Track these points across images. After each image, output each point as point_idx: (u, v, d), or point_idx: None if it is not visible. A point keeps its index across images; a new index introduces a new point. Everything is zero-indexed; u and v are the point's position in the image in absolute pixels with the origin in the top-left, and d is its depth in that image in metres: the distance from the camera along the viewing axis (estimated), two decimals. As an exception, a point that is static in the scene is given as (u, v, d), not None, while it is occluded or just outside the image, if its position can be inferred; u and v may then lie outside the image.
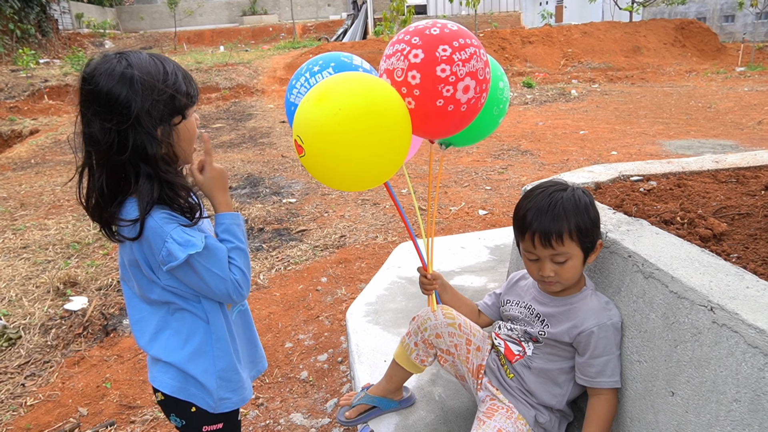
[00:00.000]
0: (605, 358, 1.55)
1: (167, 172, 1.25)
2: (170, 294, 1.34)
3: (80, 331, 3.54)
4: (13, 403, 2.87)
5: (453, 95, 1.39)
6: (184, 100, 1.29)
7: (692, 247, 1.57)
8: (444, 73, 1.37)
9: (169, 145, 1.27)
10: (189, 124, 1.33)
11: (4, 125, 12.77)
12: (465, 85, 1.40)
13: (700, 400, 1.29)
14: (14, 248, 5.05)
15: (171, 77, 1.26)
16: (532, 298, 1.73)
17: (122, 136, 1.22)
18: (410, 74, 1.39)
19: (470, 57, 1.39)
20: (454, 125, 1.50)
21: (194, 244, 1.24)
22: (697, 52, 20.17)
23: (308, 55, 19.26)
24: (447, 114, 1.43)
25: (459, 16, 25.93)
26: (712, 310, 1.28)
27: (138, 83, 1.21)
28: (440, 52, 1.37)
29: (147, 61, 1.25)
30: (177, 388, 1.39)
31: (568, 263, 1.56)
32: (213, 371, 1.39)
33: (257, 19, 35.09)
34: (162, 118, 1.24)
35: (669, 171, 2.51)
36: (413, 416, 1.93)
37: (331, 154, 1.36)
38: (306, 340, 3.32)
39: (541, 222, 1.54)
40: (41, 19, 25.15)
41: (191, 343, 1.37)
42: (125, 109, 1.20)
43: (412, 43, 1.40)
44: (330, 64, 1.71)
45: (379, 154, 1.39)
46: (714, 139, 8.22)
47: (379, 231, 5.08)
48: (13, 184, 7.91)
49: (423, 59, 1.37)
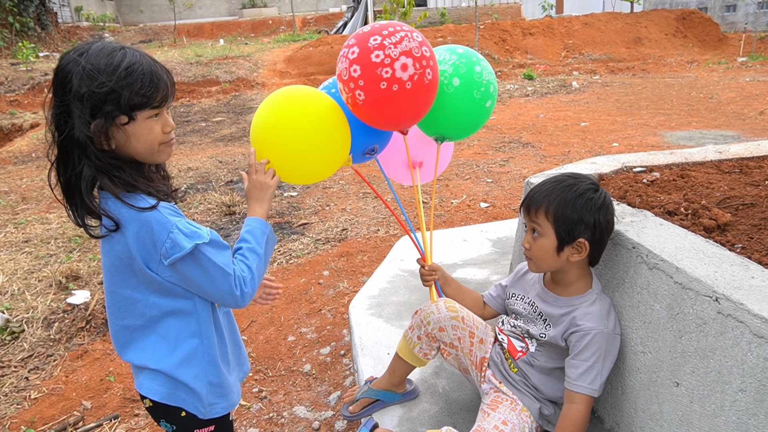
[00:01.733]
0: (591, 362, 1.52)
1: (102, 161, 1.20)
2: (158, 297, 1.29)
3: (83, 324, 3.55)
4: (17, 396, 2.87)
5: (393, 75, 1.50)
6: (134, 99, 1.20)
7: (696, 238, 1.57)
8: (378, 57, 1.50)
9: (105, 141, 1.20)
10: (140, 127, 1.23)
11: (4, 119, 12.76)
12: (402, 64, 1.50)
13: (705, 391, 1.29)
14: (16, 242, 5.05)
15: (122, 73, 1.19)
16: (536, 295, 1.72)
17: (61, 120, 1.19)
18: (352, 69, 1.53)
19: (401, 39, 1.52)
20: (409, 105, 1.59)
21: (201, 235, 1.23)
22: (699, 43, 20.07)
23: (308, 48, 19.20)
24: (394, 94, 1.53)
25: (459, 8, 25.80)
26: (717, 300, 1.28)
27: (79, 73, 1.17)
28: (371, 42, 1.51)
29: (105, 53, 1.21)
30: (166, 394, 1.34)
31: (540, 241, 1.59)
32: (203, 377, 1.36)
33: (257, 11, 34.93)
34: (97, 112, 1.18)
35: (672, 162, 2.50)
36: (417, 408, 1.93)
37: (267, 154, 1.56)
38: (308, 334, 3.32)
39: (535, 192, 1.61)
40: (40, 12, 25.04)
41: (181, 349, 1.33)
42: (64, 92, 1.18)
43: (349, 44, 1.57)
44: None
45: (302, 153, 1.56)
46: (716, 130, 8.19)
47: (380, 224, 5.07)
48: (14, 178, 7.91)
49: (359, 53, 1.53)
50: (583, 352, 1.54)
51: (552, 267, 1.63)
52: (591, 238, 1.56)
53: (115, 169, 1.21)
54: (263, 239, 1.38)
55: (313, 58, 18.00)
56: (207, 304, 1.35)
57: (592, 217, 1.54)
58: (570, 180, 1.60)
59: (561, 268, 1.62)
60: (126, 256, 1.24)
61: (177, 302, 1.31)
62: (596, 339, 1.53)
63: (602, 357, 1.53)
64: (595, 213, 1.55)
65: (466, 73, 1.75)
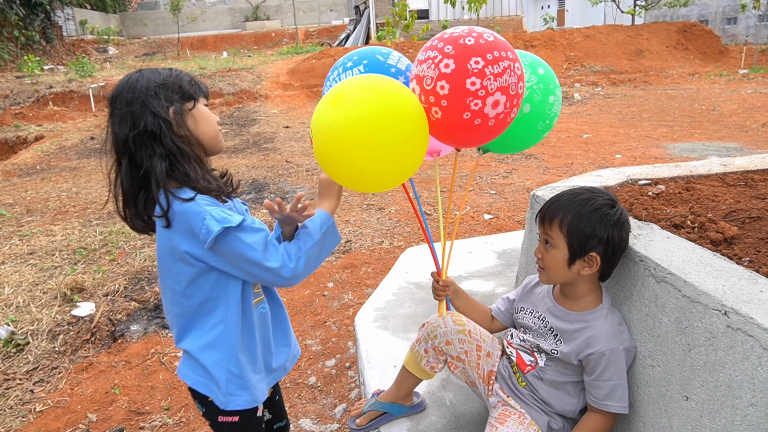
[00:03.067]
0: (614, 382, 1.54)
1: (175, 144, 1.35)
2: (193, 288, 1.40)
3: (88, 337, 3.55)
4: (22, 409, 2.87)
5: (481, 109, 1.35)
6: (189, 89, 1.41)
7: (704, 251, 1.57)
8: (474, 86, 1.33)
9: (183, 125, 1.38)
10: (203, 110, 1.44)
11: (9, 131, 12.83)
12: (495, 100, 1.35)
13: (715, 405, 1.29)
14: (21, 254, 5.07)
15: (173, 73, 1.42)
16: (546, 310, 1.70)
17: (135, 118, 1.34)
18: (439, 84, 1.36)
19: (503, 71, 1.35)
20: (480, 138, 1.47)
21: (230, 220, 1.31)
22: (700, 55, 20.17)
23: (311, 61, 19.32)
24: (473, 127, 1.40)
25: (461, 20, 25.99)
26: (726, 314, 1.28)
27: (143, 78, 1.38)
28: (472, 64, 1.33)
29: (149, 70, 1.42)
30: (195, 380, 1.46)
31: (551, 252, 1.59)
32: (224, 364, 1.43)
33: (260, 24, 35.21)
34: (170, 100, 1.37)
35: (677, 175, 2.51)
36: (424, 422, 1.93)
37: (335, 156, 1.38)
38: (313, 346, 3.32)
39: (551, 203, 1.61)
40: (45, 26, 25.29)
41: (208, 335, 1.43)
42: (133, 101, 1.35)
43: (445, 52, 1.36)
44: (362, 62, 1.66)
45: (385, 163, 1.38)
46: (718, 142, 8.21)
47: (384, 236, 5.08)
48: (19, 190, 7.95)
49: (453, 70, 1.34)
50: (605, 373, 1.54)
51: (562, 279, 1.63)
52: (603, 253, 1.56)
53: (181, 156, 1.36)
54: (322, 229, 1.46)
55: (316, 70, 18.11)
56: (237, 297, 1.43)
57: (606, 233, 1.54)
58: (587, 194, 1.60)
59: (571, 281, 1.62)
60: (170, 247, 1.37)
61: (210, 292, 1.41)
62: (614, 357, 1.54)
63: (624, 373, 1.55)
64: (610, 228, 1.54)
65: (540, 102, 1.62)
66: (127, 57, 27.33)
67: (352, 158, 1.36)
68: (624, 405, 1.54)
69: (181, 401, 2.86)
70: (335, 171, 1.44)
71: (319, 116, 1.39)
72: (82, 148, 11.05)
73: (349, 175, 1.42)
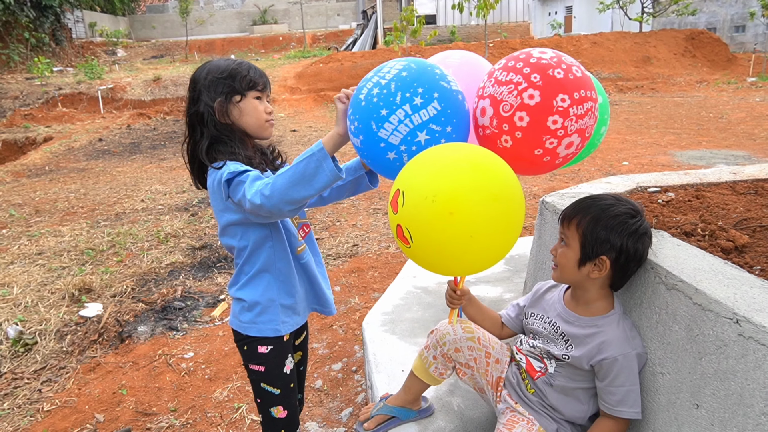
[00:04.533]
0: (627, 388, 1.54)
1: (218, 129, 1.61)
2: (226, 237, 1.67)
3: (95, 337, 3.56)
4: (30, 408, 2.89)
5: (555, 149, 1.30)
6: (244, 82, 1.62)
7: (715, 259, 1.57)
8: (555, 125, 1.27)
9: (225, 115, 1.62)
10: (249, 103, 1.64)
11: (18, 132, 12.93)
12: (569, 141, 1.30)
13: (726, 413, 1.29)
14: (29, 254, 5.10)
15: (234, 66, 1.63)
16: (557, 315, 1.70)
17: (194, 102, 1.64)
18: (519, 114, 1.28)
19: (585, 113, 1.29)
20: (538, 172, 1.43)
21: (231, 171, 1.51)
22: (708, 63, 20.13)
23: (318, 65, 19.38)
24: (539, 163, 1.34)
25: (469, 26, 26.03)
26: (738, 322, 1.28)
27: (205, 71, 1.64)
28: (558, 101, 1.26)
29: (222, 60, 1.67)
30: (236, 323, 1.73)
31: (565, 250, 1.60)
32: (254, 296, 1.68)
33: (267, 28, 35.37)
34: (220, 92, 1.61)
35: (686, 182, 2.51)
36: (432, 426, 1.93)
37: (445, 262, 1.28)
38: (320, 349, 3.33)
39: (574, 204, 1.63)
40: (55, 28, 25.47)
41: (248, 275, 1.69)
42: (195, 87, 1.65)
43: (531, 81, 1.28)
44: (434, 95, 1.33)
45: (493, 257, 1.30)
46: (726, 150, 8.19)
47: (391, 240, 5.08)
48: (28, 191, 8.00)
49: (538, 104, 1.26)
50: (617, 378, 1.54)
51: (572, 280, 1.64)
52: (614, 260, 1.55)
53: (225, 138, 1.62)
54: (303, 156, 1.43)
55: (324, 74, 18.19)
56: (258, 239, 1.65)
57: (621, 240, 1.53)
58: (611, 200, 1.60)
59: (581, 285, 1.63)
60: (214, 208, 1.66)
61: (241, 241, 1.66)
62: (627, 363, 1.54)
63: (636, 379, 1.55)
64: (625, 237, 1.53)
65: (594, 135, 1.56)
66: (136, 59, 27.51)
67: (463, 252, 1.26)
68: (637, 410, 1.54)
69: (188, 403, 2.87)
70: (438, 262, 1.33)
71: (421, 214, 1.22)
72: (90, 149, 11.12)
73: (454, 265, 1.34)
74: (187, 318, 3.81)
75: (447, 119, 1.33)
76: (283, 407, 1.78)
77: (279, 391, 1.76)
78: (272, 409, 1.77)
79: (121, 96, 17.02)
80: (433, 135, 1.32)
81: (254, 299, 1.68)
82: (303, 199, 1.42)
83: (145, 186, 7.88)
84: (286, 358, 1.76)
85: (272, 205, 1.41)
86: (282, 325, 1.71)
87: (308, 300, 1.82)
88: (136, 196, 7.29)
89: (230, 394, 2.93)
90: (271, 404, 1.77)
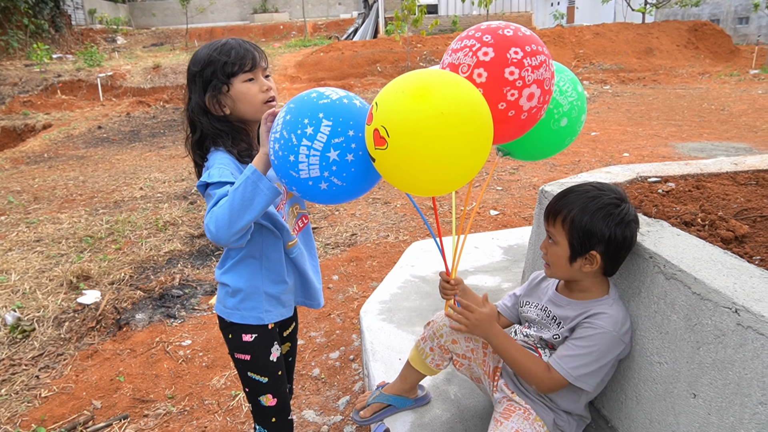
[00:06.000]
0: (583, 353, 1.52)
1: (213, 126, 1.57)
2: None
3: (93, 324, 3.56)
4: (28, 394, 2.89)
5: (517, 101, 1.34)
6: (227, 68, 1.53)
7: (714, 249, 1.56)
8: (512, 76, 1.32)
9: (220, 109, 1.56)
10: (238, 89, 1.55)
11: (17, 119, 12.88)
12: (530, 93, 1.35)
13: (723, 403, 1.28)
14: (28, 241, 5.09)
15: (212, 54, 1.54)
16: (548, 300, 1.71)
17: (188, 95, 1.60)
18: (477, 71, 1.34)
19: (540, 64, 1.35)
20: (511, 132, 1.45)
21: (211, 176, 1.46)
22: (710, 54, 20.03)
23: (319, 54, 19.29)
24: (506, 119, 1.37)
25: (470, 16, 25.88)
26: (737, 312, 1.27)
27: (191, 63, 1.59)
28: (511, 54, 1.32)
29: (207, 44, 1.59)
30: (220, 308, 1.70)
31: (554, 248, 1.59)
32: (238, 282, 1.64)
33: (268, 17, 35.17)
34: (207, 86, 1.54)
35: (687, 173, 2.49)
36: (429, 414, 1.93)
37: (420, 155, 1.26)
38: (318, 338, 3.32)
39: (557, 199, 1.61)
40: (55, 15, 25.34)
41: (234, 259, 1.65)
42: (188, 78, 1.61)
43: (483, 41, 1.35)
44: (319, 117, 1.36)
45: (465, 160, 1.30)
46: (727, 142, 8.16)
47: (390, 230, 5.08)
48: (27, 178, 7.98)
49: (493, 58, 1.33)
50: (582, 341, 1.54)
51: (565, 276, 1.63)
52: (604, 251, 1.54)
53: (221, 133, 1.56)
54: (238, 183, 1.39)
55: (324, 63, 18.10)
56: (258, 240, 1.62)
57: (608, 231, 1.52)
58: (594, 191, 1.58)
59: (574, 277, 1.62)
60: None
61: None
62: (601, 337, 1.52)
63: (598, 356, 1.53)
64: (613, 227, 1.52)
65: (575, 118, 1.63)
66: (136, 47, 27.36)
67: (440, 156, 1.25)
68: (573, 375, 1.53)
69: (186, 390, 2.87)
70: (411, 171, 1.31)
71: (402, 112, 1.25)
72: (89, 137, 11.08)
73: (425, 176, 1.31)
74: (185, 306, 3.81)
75: (344, 127, 1.33)
76: (272, 395, 1.76)
77: (266, 379, 1.74)
78: (261, 398, 1.76)
79: (120, 84, 16.94)
80: (340, 147, 1.33)
81: (238, 285, 1.64)
82: (248, 223, 1.39)
83: (144, 174, 7.85)
84: (272, 346, 1.73)
85: (220, 239, 1.39)
86: (266, 314, 1.68)
87: (296, 293, 1.79)
88: (135, 184, 7.27)
89: (227, 382, 2.93)
90: (260, 393, 1.76)
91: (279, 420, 1.80)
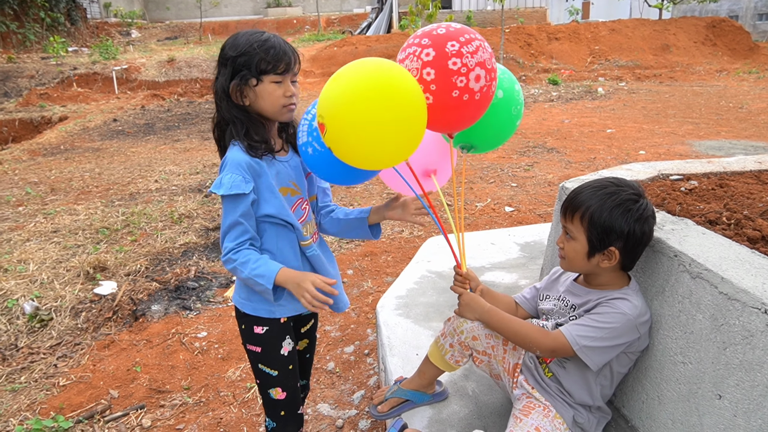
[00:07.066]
0: (595, 326, 1.52)
1: (231, 112, 1.60)
2: None
3: (110, 315, 3.59)
4: (46, 382, 2.92)
5: (467, 85, 1.48)
6: (262, 65, 1.55)
7: (741, 248, 1.54)
8: (456, 65, 1.47)
9: (241, 99, 1.59)
10: (265, 87, 1.58)
11: (34, 111, 13.00)
12: (476, 75, 1.49)
13: (750, 405, 1.26)
14: (45, 232, 5.14)
15: (255, 45, 1.55)
16: (566, 290, 1.72)
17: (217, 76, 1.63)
18: (425, 71, 1.49)
19: (477, 49, 1.50)
20: (471, 114, 1.59)
21: (220, 186, 1.57)
22: (729, 51, 19.74)
23: (333, 48, 19.27)
24: (463, 104, 1.51)
25: (485, 11, 25.70)
26: (767, 312, 1.25)
27: (228, 45, 1.59)
28: (449, 47, 1.48)
29: (249, 33, 1.59)
30: (236, 298, 1.75)
31: (571, 243, 1.59)
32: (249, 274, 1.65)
33: (281, 11, 35.15)
34: (236, 74, 1.56)
35: (710, 171, 2.46)
36: (447, 410, 1.92)
37: (350, 135, 1.43)
38: (332, 332, 3.33)
39: (575, 195, 1.61)
40: (71, 8, 25.51)
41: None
42: (219, 61, 1.62)
43: (422, 44, 1.51)
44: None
45: (392, 131, 1.44)
46: (746, 140, 8.04)
47: (404, 225, 5.06)
48: (44, 169, 8.06)
49: (434, 56, 1.48)
50: (597, 316, 1.54)
51: (582, 270, 1.64)
52: (623, 247, 1.54)
53: (238, 121, 1.60)
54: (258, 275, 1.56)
55: (338, 58, 18.06)
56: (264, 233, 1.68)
57: (627, 227, 1.52)
58: (612, 187, 1.57)
59: (592, 272, 1.62)
60: None
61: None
62: (617, 317, 1.52)
63: (608, 333, 1.52)
64: (632, 223, 1.52)
65: (509, 88, 1.75)
66: (150, 40, 27.49)
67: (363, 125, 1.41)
68: (578, 344, 1.52)
69: (201, 381, 2.89)
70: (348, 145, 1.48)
71: (325, 95, 1.47)
72: (105, 129, 11.16)
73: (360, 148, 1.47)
74: (201, 298, 3.83)
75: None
76: (282, 389, 1.77)
77: (276, 372, 1.75)
78: (271, 391, 1.77)
79: (135, 77, 17.04)
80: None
81: None
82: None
83: (159, 166, 7.90)
84: (284, 340, 1.74)
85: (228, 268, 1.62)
86: (278, 307, 1.69)
87: None
88: (150, 176, 7.32)
89: (243, 374, 2.94)
90: (269, 386, 1.77)
91: (288, 414, 1.81)
